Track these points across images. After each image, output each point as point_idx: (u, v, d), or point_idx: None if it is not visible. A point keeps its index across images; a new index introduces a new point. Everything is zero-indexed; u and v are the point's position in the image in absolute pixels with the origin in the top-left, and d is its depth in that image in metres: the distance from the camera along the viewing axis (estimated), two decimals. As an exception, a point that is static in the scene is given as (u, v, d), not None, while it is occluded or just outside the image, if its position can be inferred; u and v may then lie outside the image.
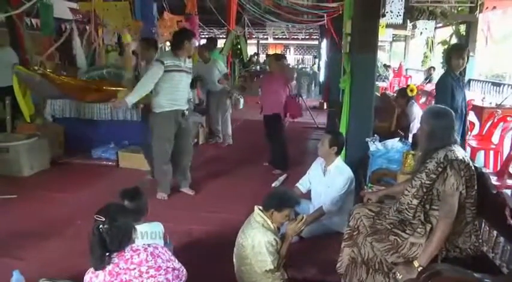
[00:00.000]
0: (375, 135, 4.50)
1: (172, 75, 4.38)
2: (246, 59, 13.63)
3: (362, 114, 4.55)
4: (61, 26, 8.13)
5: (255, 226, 2.88)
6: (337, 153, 3.88)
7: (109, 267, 1.94)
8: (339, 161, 3.91)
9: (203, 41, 10.94)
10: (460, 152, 2.41)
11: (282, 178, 5.50)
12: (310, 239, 3.78)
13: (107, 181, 5.34)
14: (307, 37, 20.41)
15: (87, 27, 7.09)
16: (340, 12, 7.22)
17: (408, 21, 10.84)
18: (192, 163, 5.22)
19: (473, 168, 2.41)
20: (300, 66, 19.66)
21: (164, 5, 6.81)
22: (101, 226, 1.93)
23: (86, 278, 2.00)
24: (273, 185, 5.28)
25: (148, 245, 2.07)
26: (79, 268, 3.21)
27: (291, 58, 26.73)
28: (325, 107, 11.40)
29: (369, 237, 2.63)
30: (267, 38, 21.99)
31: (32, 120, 6.01)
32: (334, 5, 6.82)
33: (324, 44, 13.67)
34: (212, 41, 7.88)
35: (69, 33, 6.32)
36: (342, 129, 4.79)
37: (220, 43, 12.59)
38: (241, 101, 11.88)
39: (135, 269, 1.94)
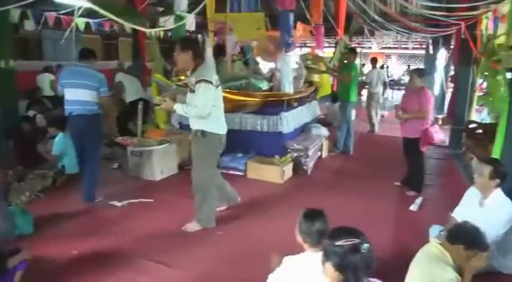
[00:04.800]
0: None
1: None
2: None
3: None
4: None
5: (432, 260, 2.61)
6: (498, 186, 3.44)
7: None
8: (498, 194, 3.45)
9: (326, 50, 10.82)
10: None
11: (419, 201, 5.12)
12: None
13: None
14: (417, 46, 19.47)
15: (215, 38, 7.23)
16: (478, 20, 6.64)
17: None
18: (318, 177, 5.05)
19: None
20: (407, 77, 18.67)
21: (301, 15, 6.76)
22: (364, 246, 1.74)
23: None
24: (410, 208, 4.96)
25: None
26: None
27: (394, 68, 25.78)
28: (440, 122, 10.65)
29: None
30: (370, 47, 21.31)
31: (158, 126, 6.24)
32: (476, 12, 6.22)
33: (441, 54, 12.81)
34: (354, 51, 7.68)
35: (202, 43, 6.44)
36: (495, 154, 4.34)
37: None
38: (353, 112, 11.54)
39: None
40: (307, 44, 16.87)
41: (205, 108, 3.79)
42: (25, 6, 6.94)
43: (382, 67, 17.17)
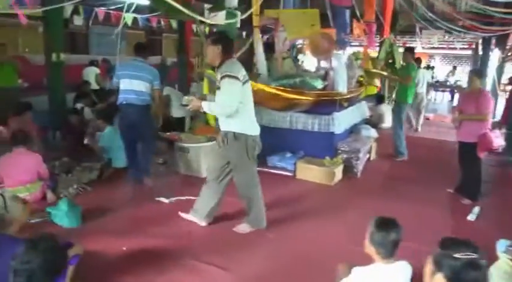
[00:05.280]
0: None
1: None
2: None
3: None
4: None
5: (503, 278, 2.39)
6: None
7: None
8: None
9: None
10: None
11: (476, 211, 4.82)
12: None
13: (284, 192, 5.17)
14: (465, 47, 18.72)
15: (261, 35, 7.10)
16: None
17: None
18: (368, 180, 5.14)
19: None
20: (454, 79, 17.94)
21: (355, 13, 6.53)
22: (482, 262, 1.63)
23: None
24: (468, 218, 4.68)
25: None
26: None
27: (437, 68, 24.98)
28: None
29: None
30: (415, 47, 20.71)
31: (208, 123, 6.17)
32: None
33: (494, 54, 12.26)
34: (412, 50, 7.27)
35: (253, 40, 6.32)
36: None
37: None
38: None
39: None
40: (351, 43, 16.49)
41: (231, 105, 3.56)
42: (78, 2, 7.07)
43: (428, 68, 16.74)
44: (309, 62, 8.93)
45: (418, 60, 10.38)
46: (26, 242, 2.06)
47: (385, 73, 7.57)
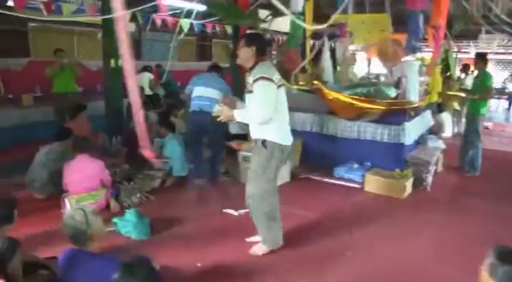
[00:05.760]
0: None
1: None
2: (454, 76, 12.20)
3: None
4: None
5: None
6: None
7: None
8: None
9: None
10: None
11: None
12: None
13: (354, 205, 4.97)
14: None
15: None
16: None
17: None
18: (439, 194, 5.08)
19: None
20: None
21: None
22: None
23: None
24: (556, 239, 4.27)
25: None
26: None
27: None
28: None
29: None
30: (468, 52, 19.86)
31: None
32: None
33: None
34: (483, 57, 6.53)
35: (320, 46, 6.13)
36: None
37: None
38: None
39: None
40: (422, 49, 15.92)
41: (267, 111, 3.26)
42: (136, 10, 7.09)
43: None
44: (358, 68, 8.67)
45: (467, 67, 9.86)
46: (121, 267, 1.93)
47: (463, 95, 6.96)
